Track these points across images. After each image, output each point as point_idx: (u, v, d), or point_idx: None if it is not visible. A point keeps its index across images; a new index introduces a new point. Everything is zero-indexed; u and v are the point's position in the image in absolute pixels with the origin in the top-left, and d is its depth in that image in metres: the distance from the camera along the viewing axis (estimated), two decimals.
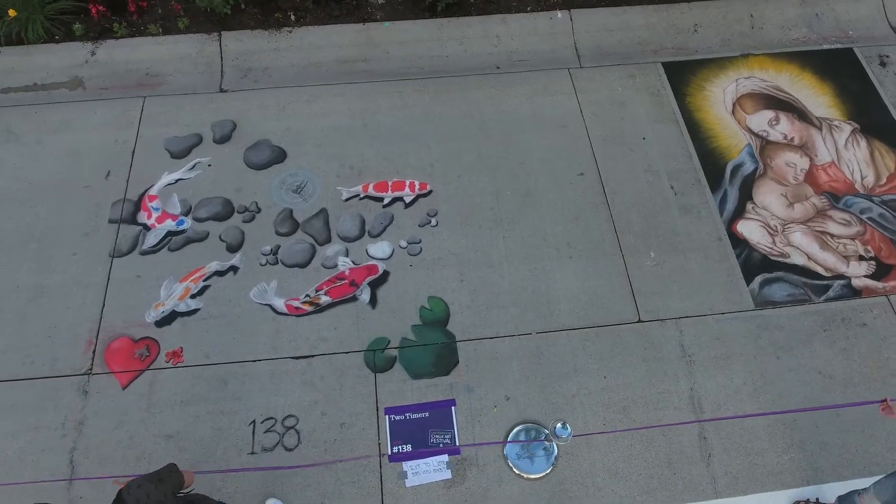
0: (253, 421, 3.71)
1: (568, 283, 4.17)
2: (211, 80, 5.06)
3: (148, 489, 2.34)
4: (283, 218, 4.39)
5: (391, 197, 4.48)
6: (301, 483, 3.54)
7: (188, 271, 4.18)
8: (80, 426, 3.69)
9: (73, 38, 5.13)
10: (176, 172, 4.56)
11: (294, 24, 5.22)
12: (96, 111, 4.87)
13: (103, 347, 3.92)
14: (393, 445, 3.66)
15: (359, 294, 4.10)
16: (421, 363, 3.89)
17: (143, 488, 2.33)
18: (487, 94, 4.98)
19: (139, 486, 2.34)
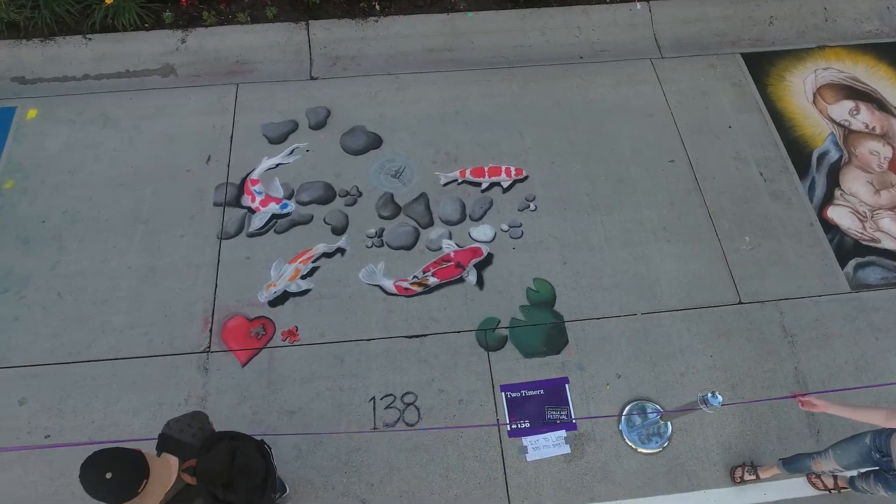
0: (372, 397, 3.79)
1: (667, 266, 4.27)
2: (300, 68, 5.14)
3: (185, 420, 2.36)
4: (384, 202, 4.47)
5: (489, 182, 4.57)
6: (425, 458, 3.63)
7: (296, 253, 4.26)
8: (202, 402, 3.76)
9: (162, 26, 5.20)
10: (275, 157, 4.64)
11: (379, 14, 5.30)
12: (190, 97, 4.94)
13: (219, 326, 4.00)
14: (511, 421, 3.75)
15: (465, 275, 4.19)
16: (532, 342, 3.98)
17: (181, 420, 2.35)
18: (573, 83, 5.08)
19: (176, 420, 2.35)
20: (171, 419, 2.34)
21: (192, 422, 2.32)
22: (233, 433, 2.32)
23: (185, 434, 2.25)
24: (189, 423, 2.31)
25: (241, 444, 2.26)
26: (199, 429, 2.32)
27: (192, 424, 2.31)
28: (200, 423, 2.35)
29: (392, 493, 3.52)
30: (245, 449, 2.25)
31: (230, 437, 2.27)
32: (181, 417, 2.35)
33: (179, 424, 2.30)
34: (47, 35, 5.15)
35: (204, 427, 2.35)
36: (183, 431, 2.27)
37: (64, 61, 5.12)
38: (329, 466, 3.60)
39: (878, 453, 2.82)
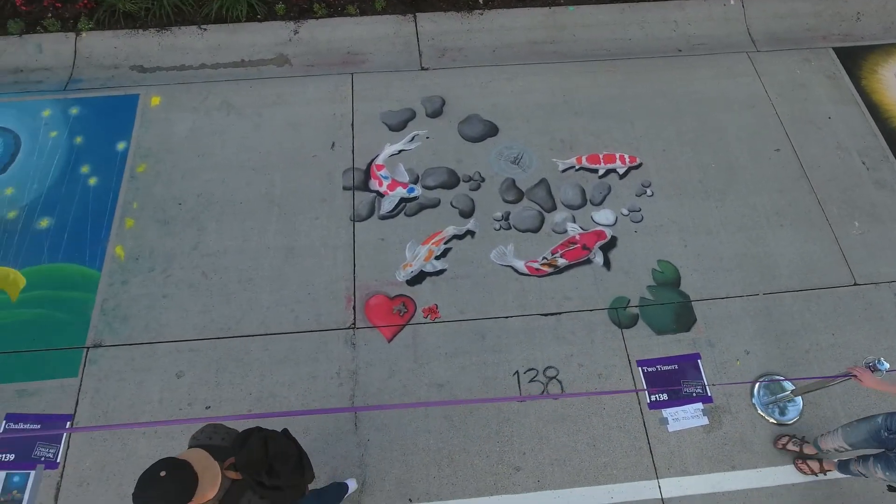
0: (516, 371, 3.96)
1: (783, 249, 4.45)
2: (410, 59, 5.30)
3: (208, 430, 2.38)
4: (507, 187, 4.64)
5: (605, 168, 4.74)
6: (571, 428, 3.80)
7: (427, 235, 4.43)
8: (354, 375, 3.92)
9: (274, 18, 5.37)
10: (397, 144, 4.81)
11: (483, 7, 5.47)
12: (308, 86, 5.10)
13: (362, 304, 4.16)
14: (650, 394, 3.93)
15: (592, 257, 4.36)
16: (662, 320, 4.16)
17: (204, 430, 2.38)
18: (675, 75, 5.26)
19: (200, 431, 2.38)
20: (193, 434, 2.40)
21: (214, 430, 2.40)
22: (255, 427, 2.41)
23: (215, 439, 2.34)
24: (213, 431, 2.39)
25: (270, 432, 2.37)
26: (226, 432, 2.41)
27: (216, 431, 2.39)
28: (224, 430, 2.43)
29: (544, 462, 3.69)
30: (275, 436, 2.36)
31: (257, 430, 2.36)
32: (203, 428, 2.42)
33: (205, 434, 2.37)
34: (163, 25, 5.30)
35: (229, 431, 2.43)
36: (211, 438, 2.35)
37: (180, 51, 5.27)
38: (481, 436, 3.76)
39: (887, 432, 2.99)
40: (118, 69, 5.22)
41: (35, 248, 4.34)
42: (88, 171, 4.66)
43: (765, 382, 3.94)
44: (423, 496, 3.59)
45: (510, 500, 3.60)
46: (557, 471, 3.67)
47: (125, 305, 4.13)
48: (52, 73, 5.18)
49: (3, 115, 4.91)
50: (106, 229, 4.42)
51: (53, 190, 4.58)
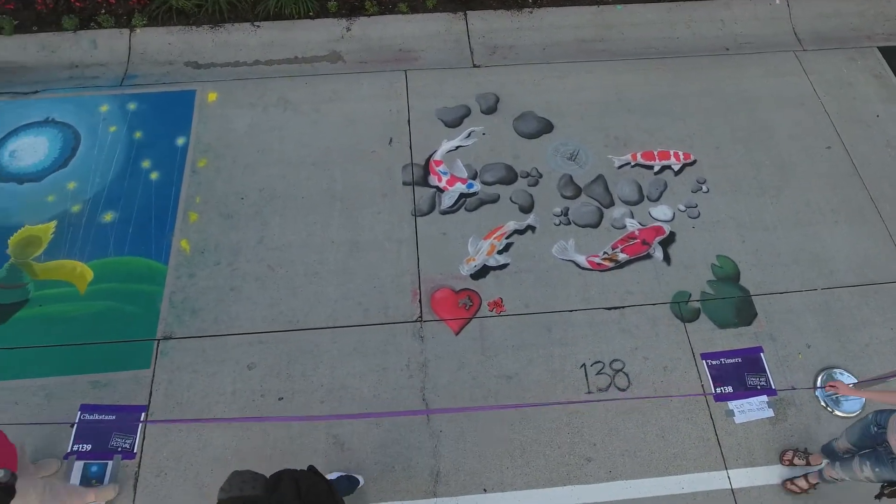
0: (583, 364, 4.01)
1: (839, 245, 4.51)
2: (462, 56, 5.36)
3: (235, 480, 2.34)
4: (564, 182, 4.69)
5: (660, 165, 4.80)
6: (640, 420, 3.85)
7: (488, 230, 4.48)
8: (423, 367, 3.97)
9: (326, 15, 5.42)
10: (454, 140, 4.86)
11: (533, 5, 5.53)
12: (363, 83, 5.15)
13: (428, 297, 4.21)
14: (715, 386, 3.98)
15: (652, 252, 4.42)
16: (723, 314, 4.21)
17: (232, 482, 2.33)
18: (724, 73, 5.32)
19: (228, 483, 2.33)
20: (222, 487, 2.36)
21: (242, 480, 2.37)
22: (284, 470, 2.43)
23: (246, 489, 2.31)
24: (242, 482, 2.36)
25: (299, 473, 2.41)
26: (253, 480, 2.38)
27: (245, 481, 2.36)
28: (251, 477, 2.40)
29: (615, 452, 3.75)
30: (304, 476, 2.41)
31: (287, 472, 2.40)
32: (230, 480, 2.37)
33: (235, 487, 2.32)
34: (216, 22, 5.35)
35: (256, 477, 2.40)
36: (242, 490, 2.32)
37: (234, 47, 5.32)
38: (552, 427, 3.81)
39: (876, 426, 3.05)
40: (172, 65, 5.26)
41: (101, 242, 4.39)
42: (149, 166, 4.71)
43: (826, 375, 4.00)
44: (498, 486, 3.64)
45: (583, 491, 3.65)
46: (628, 461, 3.72)
47: (193, 298, 4.17)
48: (108, 68, 5.23)
49: (61, 111, 4.96)
50: (170, 223, 4.46)
51: (116, 184, 4.63)
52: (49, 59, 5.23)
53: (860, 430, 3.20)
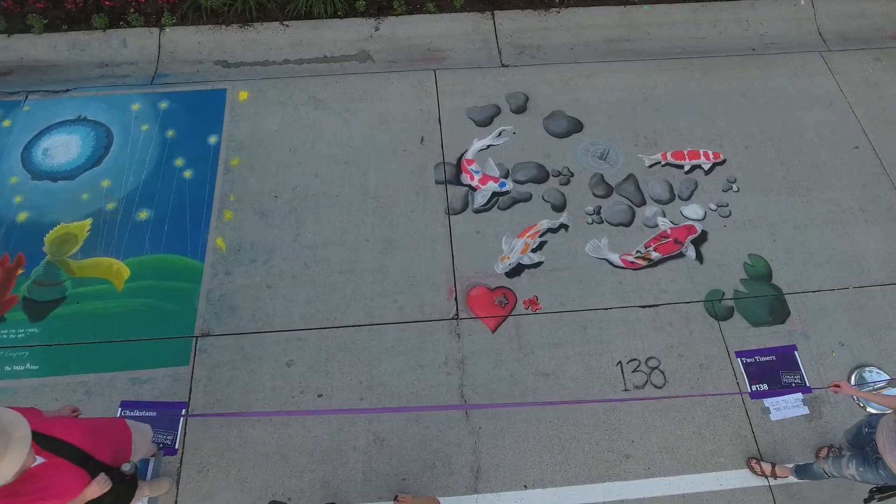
0: (619, 362, 4.04)
1: (870, 244, 4.54)
2: (490, 56, 5.38)
3: None
4: (596, 181, 4.72)
5: (690, 164, 4.83)
6: (677, 417, 3.88)
7: (521, 228, 4.50)
8: (461, 365, 4.00)
9: (355, 15, 5.44)
10: (485, 139, 4.88)
11: (559, 5, 5.55)
12: (392, 82, 5.17)
13: (463, 295, 4.23)
14: (751, 384, 4.01)
15: (684, 251, 4.45)
16: (757, 313, 4.24)
17: None
18: (751, 73, 5.35)
19: None
20: None
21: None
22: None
23: None
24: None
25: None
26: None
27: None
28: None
29: (653, 449, 3.77)
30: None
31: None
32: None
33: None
34: (245, 21, 5.37)
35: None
36: None
37: (263, 46, 5.35)
38: (589, 424, 3.84)
39: (868, 427, 3.14)
40: (202, 64, 5.28)
41: (136, 240, 4.41)
42: (183, 164, 4.73)
43: (859, 373, 4.03)
44: (538, 482, 3.67)
45: (622, 487, 3.67)
46: (667, 458, 3.75)
47: (230, 296, 4.20)
48: (138, 67, 5.25)
49: (93, 109, 4.98)
50: (205, 221, 4.48)
51: (149, 182, 4.65)
52: (79, 58, 5.25)
53: (855, 429, 3.27)
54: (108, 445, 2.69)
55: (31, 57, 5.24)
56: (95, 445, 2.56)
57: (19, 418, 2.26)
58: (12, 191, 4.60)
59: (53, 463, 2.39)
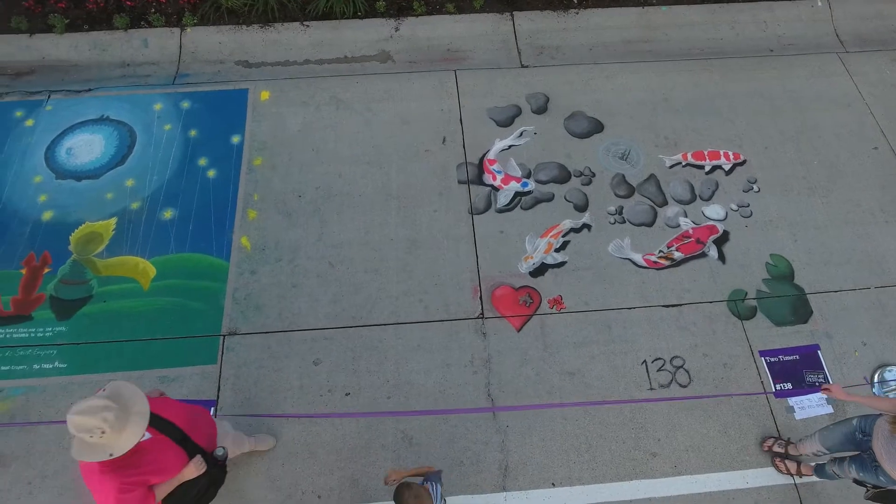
0: (644, 361, 4.06)
1: (891, 244, 4.57)
2: (510, 57, 5.41)
3: None
4: (617, 182, 4.75)
5: (710, 165, 4.85)
6: (702, 415, 3.90)
7: (544, 228, 4.53)
8: (487, 364, 4.02)
9: (375, 15, 5.46)
10: (507, 139, 4.91)
11: (578, 6, 5.58)
12: (413, 83, 5.20)
13: (488, 294, 4.26)
14: (775, 383, 4.03)
15: (707, 251, 4.47)
16: (780, 312, 4.27)
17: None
18: (769, 74, 5.38)
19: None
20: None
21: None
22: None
23: None
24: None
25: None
26: None
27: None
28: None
29: (679, 448, 3.80)
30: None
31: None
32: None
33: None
34: (266, 21, 5.40)
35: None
36: None
37: (284, 46, 5.37)
38: (616, 423, 3.87)
39: (861, 433, 3.09)
40: (223, 64, 5.31)
41: (161, 239, 4.43)
42: (206, 164, 4.75)
43: (882, 371, 4.06)
44: (566, 480, 3.69)
45: (650, 485, 3.70)
46: (693, 456, 3.78)
47: (256, 295, 4.22)
48: (159, 67, 5.27)
49: (116, 109, 5.00)
50: (230, 220, 4.50)
51: (173, 182, 4.67)
52: (101, 58, 5.27)
53: (842, 436, 3.22)
54: (204, 430, 2.76)
55: (53, 57, 5.26)
56: (194, 428, 2.63)
57: (139, 394, 2.33)
58: (37, 190, 4.62)
59: (158, 440, 2.47)
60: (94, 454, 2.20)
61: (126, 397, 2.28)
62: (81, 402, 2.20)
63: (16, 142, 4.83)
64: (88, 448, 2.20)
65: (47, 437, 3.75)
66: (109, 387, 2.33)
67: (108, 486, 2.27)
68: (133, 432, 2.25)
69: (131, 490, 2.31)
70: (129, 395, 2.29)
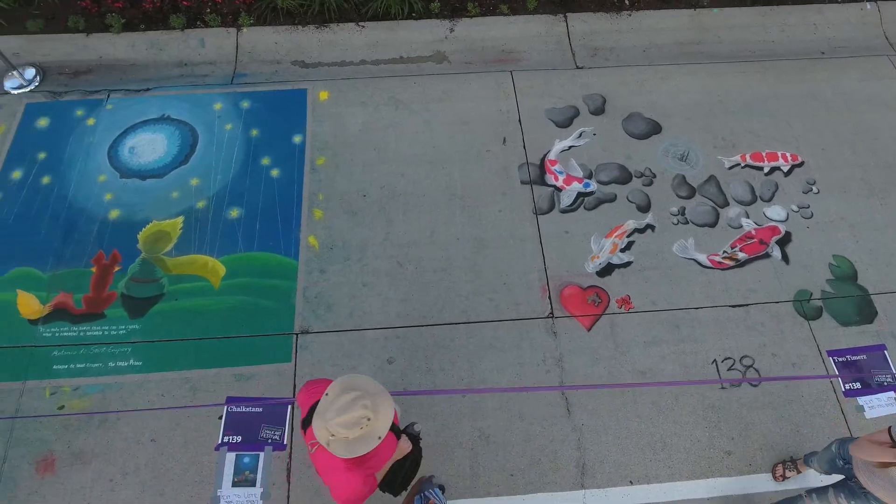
0: (714, 360, 4.10)
1: None
2: (564, 58, 5.44)
3: None
4: (678, 182, 4.78)
5: (769, 166, 4.89)
6: (773, 414, 3.94)
7: (608, 228, 4.56)
8: (559, 363, 4.05)
9: (429, 16, 5.49)
10: (566, 140, 4.94)
11: (630, 8, 5.61)
12: (471, 83, 5.23)
13: (556, 294, 4.29)
14: (844, 383, 4.07)
15: (770, 251, 4.51)
16: (845, 313, 4.31)
17: None
18: (822, 77, 5.42)
19: None
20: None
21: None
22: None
23: None
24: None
25: None
26: None
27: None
28: None
29: (753, 446, 3.83)
30: None
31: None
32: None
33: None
34: (321, 22, 5.42)
35: None
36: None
37: (340, 47, 5.40)
38: (689, 421, 3.90)
39: (841, 460, 3.00)
40: (280, 64, 5.33)
41: (229, 238, 4.46)
42: (269, 163, 4.78)
43: None
44: (643, 478, 3.73)
45: (726, 483, 3.73)
46: (767, 455, 3.81)
47: (327, 294, 4.25)
48: (216, 67, 5.30)
49: (176, 108, 5.02)
50: (296, 220, 4.53)
51: (238, 181, 4.70)
52: (158, 57, 5.30)
53: (827, 463, 3.18)
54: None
55: (111, 56, 5.28)
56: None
57: (365, 377, 2.33)
58: (102, 189, 4.65)
59: None
60: (366, 445, 2.20)
61: (360, 384, 2.27)
62: (330, 407, 2.18)
63: (78, 141, 4.86)
64: (358, 441, 2.19)
65: (126, 435, 3.78)
66: (338, 384, 2.28)
67: (356, 479, 2.33)
68: (387, 412, 2.25)
69: (371, 479, 2.41)
70: (361, 382, 2.28)
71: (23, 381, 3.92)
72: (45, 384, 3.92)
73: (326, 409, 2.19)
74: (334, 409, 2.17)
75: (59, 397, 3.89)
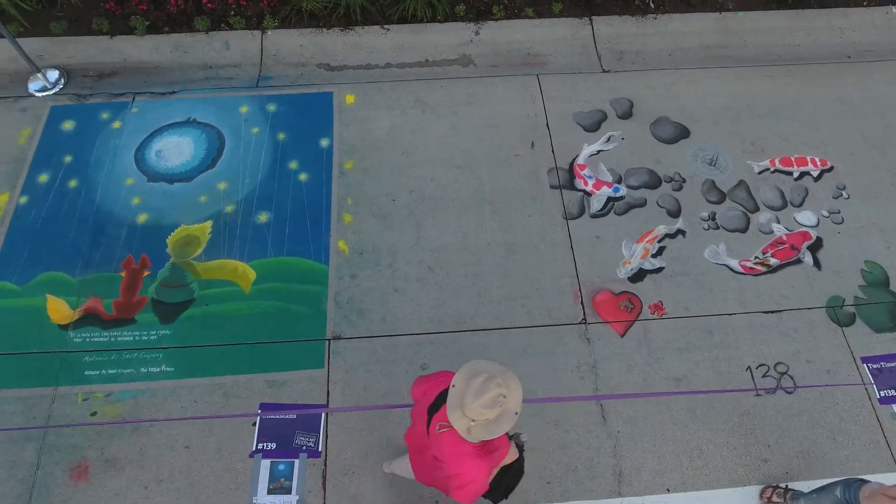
0: (748, 367, 4.08)
1: None
2: (590, 61, 5.42)
3: None
4: (708, 187, 4.76)
5: (798, 171, 4.87)
6: (808, 421, 3.92)
7: (639, 233, 4.54)
8: (594, 369, 4.03)
9: (454, 19, 5.47)
10: (595, 144, 4.92)
11: (655, 11, 5.59)
12: (497, 87, 5.21)
13: (589, 299, 4.27)
14: (879, 390, 4.06)
15: (802, 257, 4.49)
16: (878, 319, 4.29)
17: None
18: (849, 81, 5.40)
19: None
20: None
21: None
22: None
23: None
24: None
25: None
26: None
27: None
28: None
29: (789, 454, 3.82)
30: None
31: None
32: None
33: None
34: (346, 25, 5.40)
35: None
36: None
37: (365, 50, 5.37)
38: (725, 429, 3.88)
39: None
40: (305, 67, 5.31)
41: (258, 242, 4.43)
42: (297, 167, 4.75)
43: None
44: (680, 486, 3.71)
45: None
46: (803, 462, 3.80)
47: (358, 299, 4.22)
48: (242, 70, 5.27)
49: (202, 111, 5.00)
50: (325, 224, 4.51)
51: (266, 185, 4.67)
52: (182, 60, 5.27)
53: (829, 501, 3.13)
54: None
55: (135, 58, 5.25)
56: None
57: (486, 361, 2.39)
58: (129, 192, 4.62)
59: None
60: (507, 422, 2.24)
61: (484, 367, 2.31)
62: (466, 393, 2.22)
63: (104, 144, 4.83)
64: (499, 420, 2.24)
65: (159, 441, 3.75)
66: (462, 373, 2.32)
67: (484, 468, 2.35)
68: (517, 387, 2.30)
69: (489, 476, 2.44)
70: (483, 366, 2.33)
71: (54, 386, 3.90)
72: (77, 390, 3.89)
73: (462, 396, 2.23)
74: (471, 394, 2.20)
75: (91, 403, 3.86)
